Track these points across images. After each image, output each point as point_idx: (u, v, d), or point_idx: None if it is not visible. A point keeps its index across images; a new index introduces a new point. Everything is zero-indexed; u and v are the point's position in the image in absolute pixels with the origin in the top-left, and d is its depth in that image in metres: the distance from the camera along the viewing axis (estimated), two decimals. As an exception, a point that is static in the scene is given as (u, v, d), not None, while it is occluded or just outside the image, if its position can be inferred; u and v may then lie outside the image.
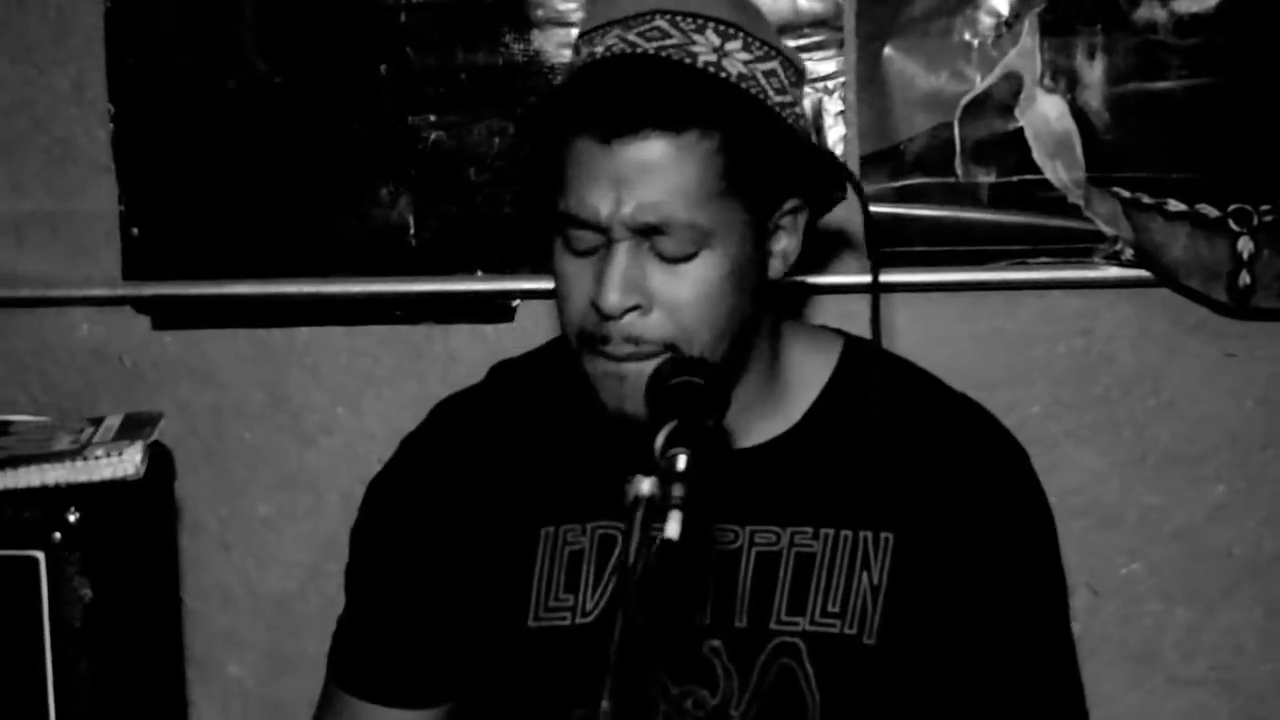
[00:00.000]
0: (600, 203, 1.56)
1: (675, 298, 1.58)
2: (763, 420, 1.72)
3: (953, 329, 2.33)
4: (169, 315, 2.40)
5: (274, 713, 2.44)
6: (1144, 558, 2.36)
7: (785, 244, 1.67)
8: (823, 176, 1.68)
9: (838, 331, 1.81)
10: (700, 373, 1.52)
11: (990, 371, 2.31)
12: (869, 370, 1.73)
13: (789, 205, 1.65)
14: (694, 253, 1.58)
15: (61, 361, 2.43)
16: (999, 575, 1.72)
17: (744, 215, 1.60)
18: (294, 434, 2.41)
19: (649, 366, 1.55)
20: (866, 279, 1.72)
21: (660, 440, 1.36)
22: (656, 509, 1.30)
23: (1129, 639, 2.36)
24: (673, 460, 1.33)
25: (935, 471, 1.72)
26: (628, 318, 1.58)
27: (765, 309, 1.68)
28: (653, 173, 1.56)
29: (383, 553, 1.80)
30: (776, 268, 1.67)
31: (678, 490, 1.29)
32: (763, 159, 1.61)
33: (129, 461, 1.77)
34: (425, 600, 1.77)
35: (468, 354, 2.34)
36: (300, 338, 2.40)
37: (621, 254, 1.57)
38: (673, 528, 1.26)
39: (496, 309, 2.36)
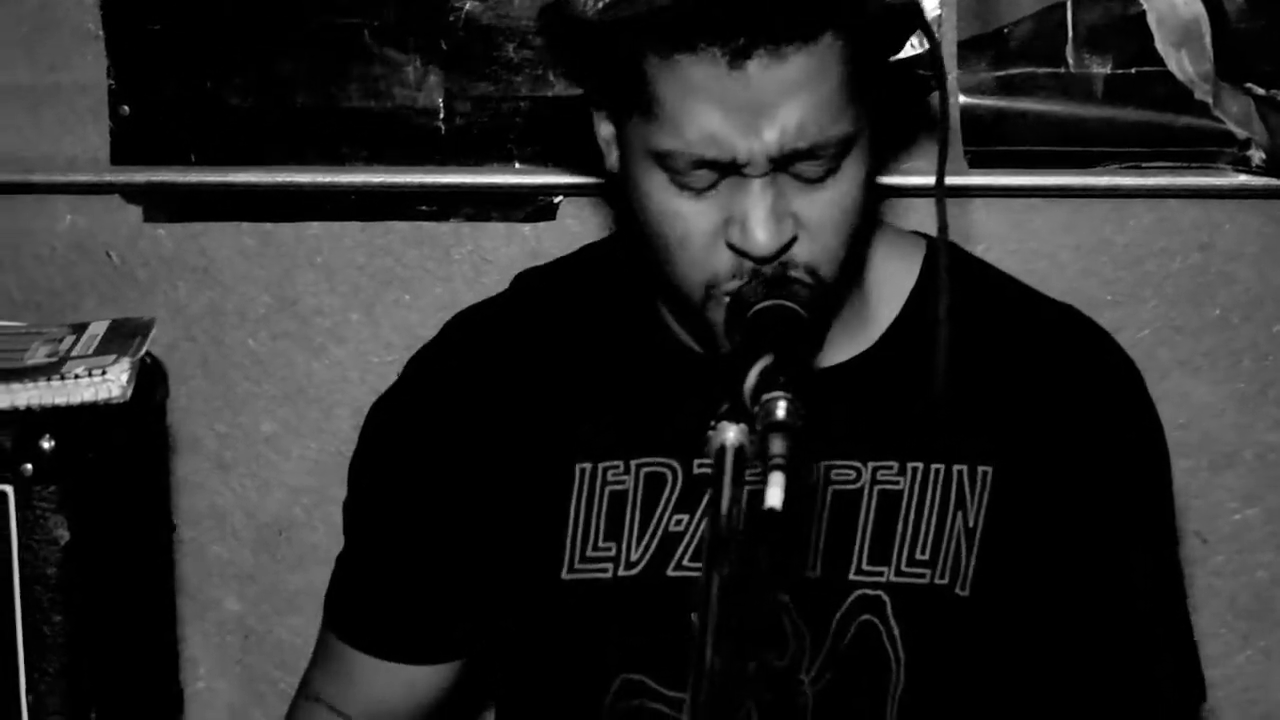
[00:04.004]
0: (735, 137, 1.44)
1: (821, 220, 1.49)
2: (841, 337, 1.63)
3: (1053, 240, 2.27)
4: (162, 206, 2.36)
5: (275, 653, 2.42)
6: (1260, 503, 2.30)
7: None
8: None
9: (919, 235, 1.72)
10: (796, 296, 1.43)
11: (1094, 289, 2.25)
12: (958, 278, 1.63)
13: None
14: (836, 168, 1.47)
15: (41, 257, 2.38)
16: (1111, 514, 1.65)
17: (868, 117, 1.50)
18: (302, 342, 2.37)
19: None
20: (961, 180, 1.65)
21: (752, 379, 1.25)
22: (745, 461, 1.18)
23: (1240, 593, 2.30)
24: (770, 407, 1.20)
25: (1038, 393, 1.64)
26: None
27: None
28: (796, 92, 1.44)
29: (385, 489, 1.74)
30: None
31: (778, 446, 1.16)
32: (883, 53, 1.53)
33: (114, 382, 1.67)
34: (435, 546, 1.70)
35: (502, 256, 2.29)
36: (310, 233, 2.35)
37: (763, 187, 1.46)
38: (775, 495, 1.13)
39: (536, 205, 2.30)
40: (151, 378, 1.83)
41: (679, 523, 1.65)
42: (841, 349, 1.64)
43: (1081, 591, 1.65)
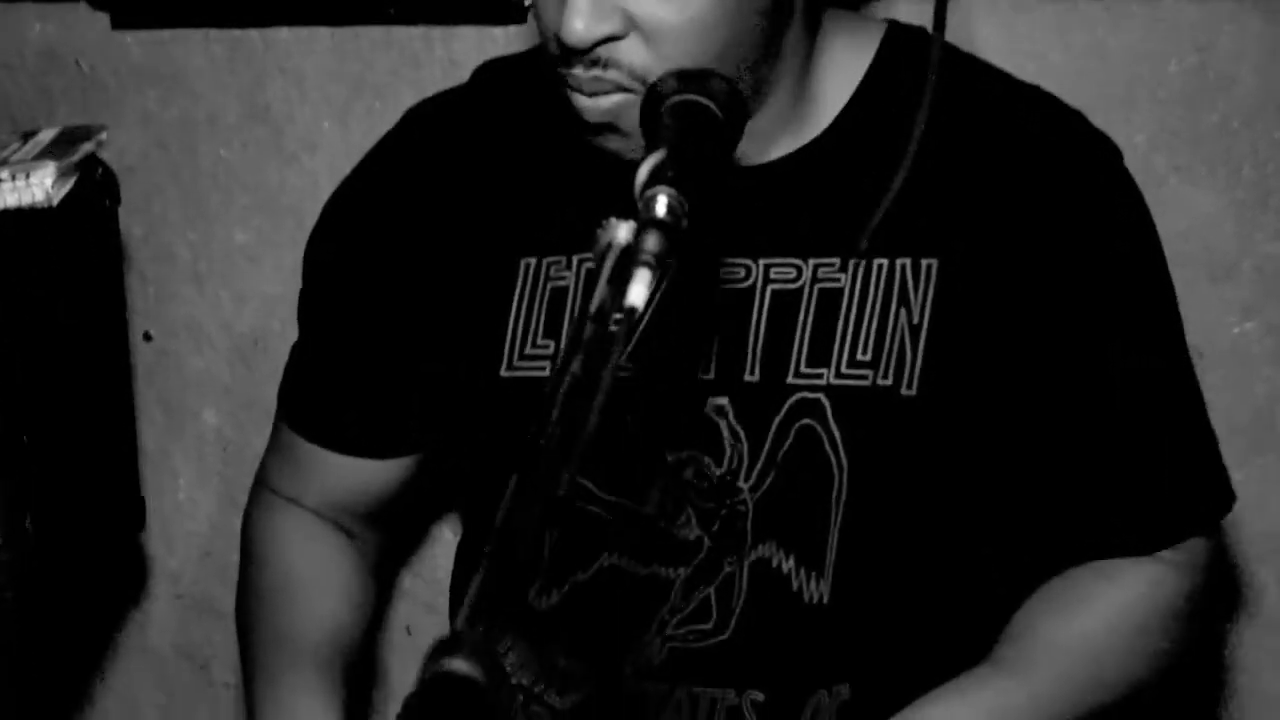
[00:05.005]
0: None
1: (657, 23, 1.42)
2: (786, 133, 1.58)
3: (1043, 41, 2.18)
4: (130, 12, 2.31)
5: (253, 464, 2.32)
6: (1259, 316, 2.24)
7: None
8: None
9: (882, 21, 1.65)
10: (708, 89, 1.35)
11: (1086, 93, 2.04)
12: (914, 59, 1.57)
13: None
14: None
15: (11, 66, 2.36)
16: (1088, 304, 1.58)
17: None
18: (274, 150, 2.33)
19: (608, 103, 1.43)
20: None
21: (643, 175, 1.20)
22: (629, 259, 1.13)
23: (1238, 409, 2.23)
24: (650, 202, 1.15)
25: (994, 175, 1.57)
26: (596, 50, 1.43)
27: (790, 19, 1.53)
28: None
29: (338, 276, 1.73)
30: None
31: (651, 243, 1.12)
32: None
33: (37, 187, 1.66)
34: (385, 333, 1.69)
35: (473, 60, 2.12)
36: (280, 40, 2.30)
37: None
38: (637, 292, 1.09)
39: (506, 8, 2.22)
40: (99, 185, 1.82)
41: (618, 322, 1.62)
42: (781, 144, 1.59)
43: (1060, 388, 1.60)
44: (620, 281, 1.11)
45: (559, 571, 1.70)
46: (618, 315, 1.07)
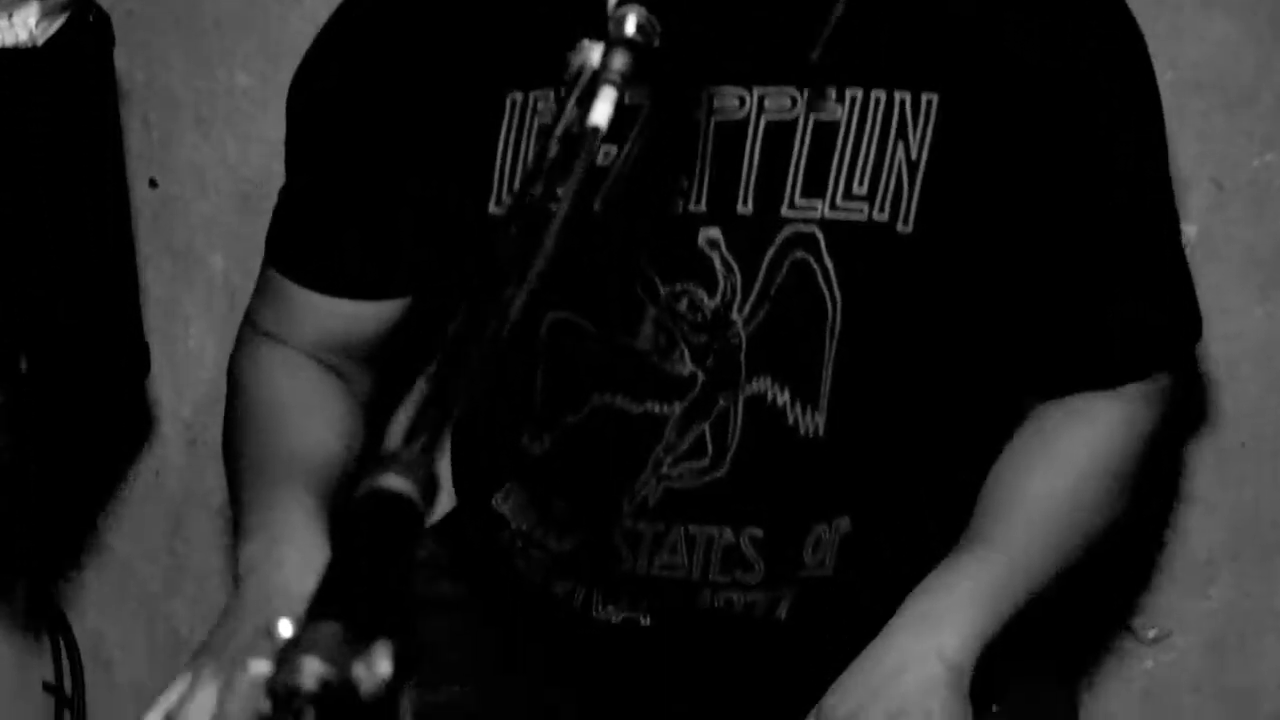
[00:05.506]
0: None
1: None
2: None
3: None
4: None
5: None
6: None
7: None
8: None
9: None
10: None
11: None
12: None
13: None
14: None
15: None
16: (1084, 134, 1.57)
17: None
18: (276, -8, 2.29)
19: None
20: None
21: None
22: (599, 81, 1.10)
23: (1259, 243, 2.21)
24: (620, 20, 1.12)
25: (992, 9, 1.55)
26: None
27: None
28: None
29: (323, 116, 1.71)
30: None
31: (618, 62, 1.09)
32: None
33: (20, 26, 1.65)
34: (372, 172, 1.68)
35: None
36: (278, -125, 2.26)
37: None
38: (601, 111, 1.07)
39: None
40: (92, 27, 1.82)
41: (606, 155, 1.60)
42: None
43: (1043, 222, 1.59)
44: (588, 102, 1.09)
45: (551, 414, 1.70)
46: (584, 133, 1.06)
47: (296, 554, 1.52)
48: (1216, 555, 2.29)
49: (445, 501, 1.92)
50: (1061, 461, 1.64)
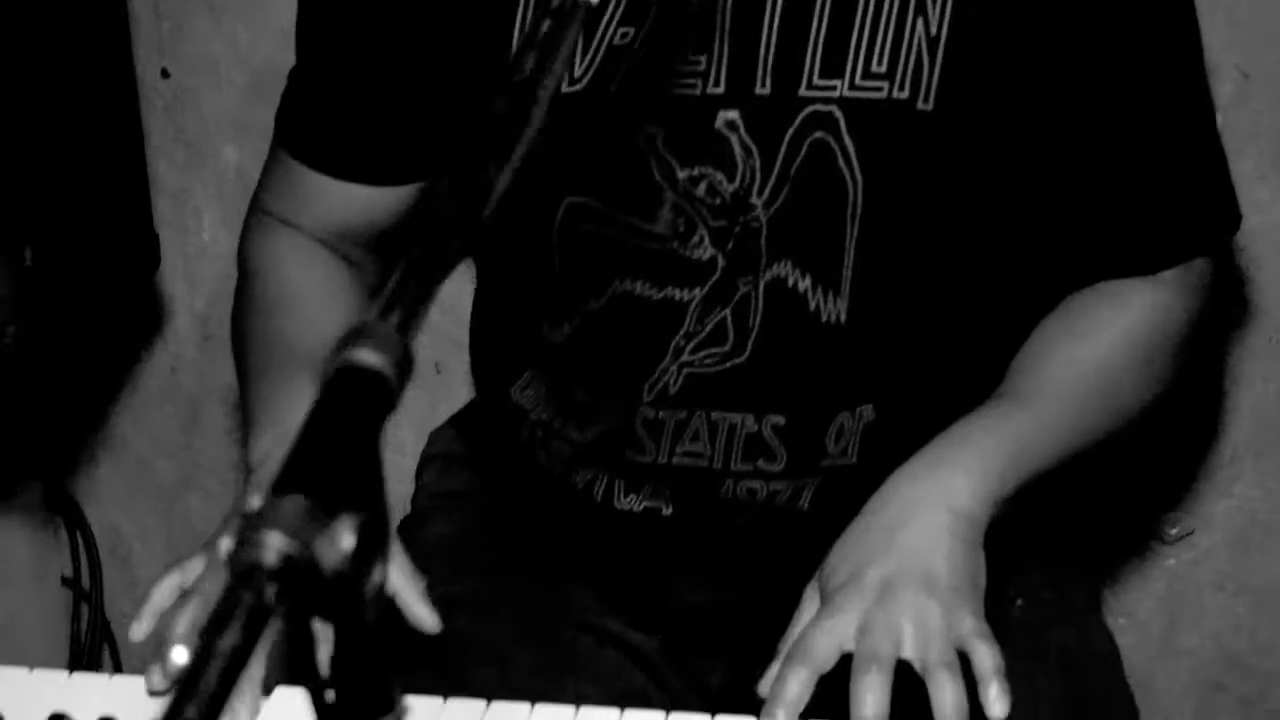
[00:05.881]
0: None
1: None
2: None
3: None
4: None
5: None
6: (1311, 34, 2.14)
7: None
8: None
9: None
10: None
11: None
12: None
13: None
14: None
15: None
16: (1104, 13, 1.53)
17: None
18: None
19: None
20: None
21: None
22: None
23: (1287, 131, 2.17)
24: None
25: None
26: None
27: None
28: None
29: None
30: None
31: None
32: None
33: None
34: (386, 53, 1.65)
35: None
36: None
37: None
38: None
39: None
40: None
41: (624, 36, 1.57)
42: None
43: (1074, 104, 1.56)
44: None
45: (570, 301, 1.68)
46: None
47: None
48: (1241, 452, 2.27)
49: (464, 394, 1.91)
50: (1093, 337, 1.61)
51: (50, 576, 2.37)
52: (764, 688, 1.43)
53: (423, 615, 1.50)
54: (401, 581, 1.53)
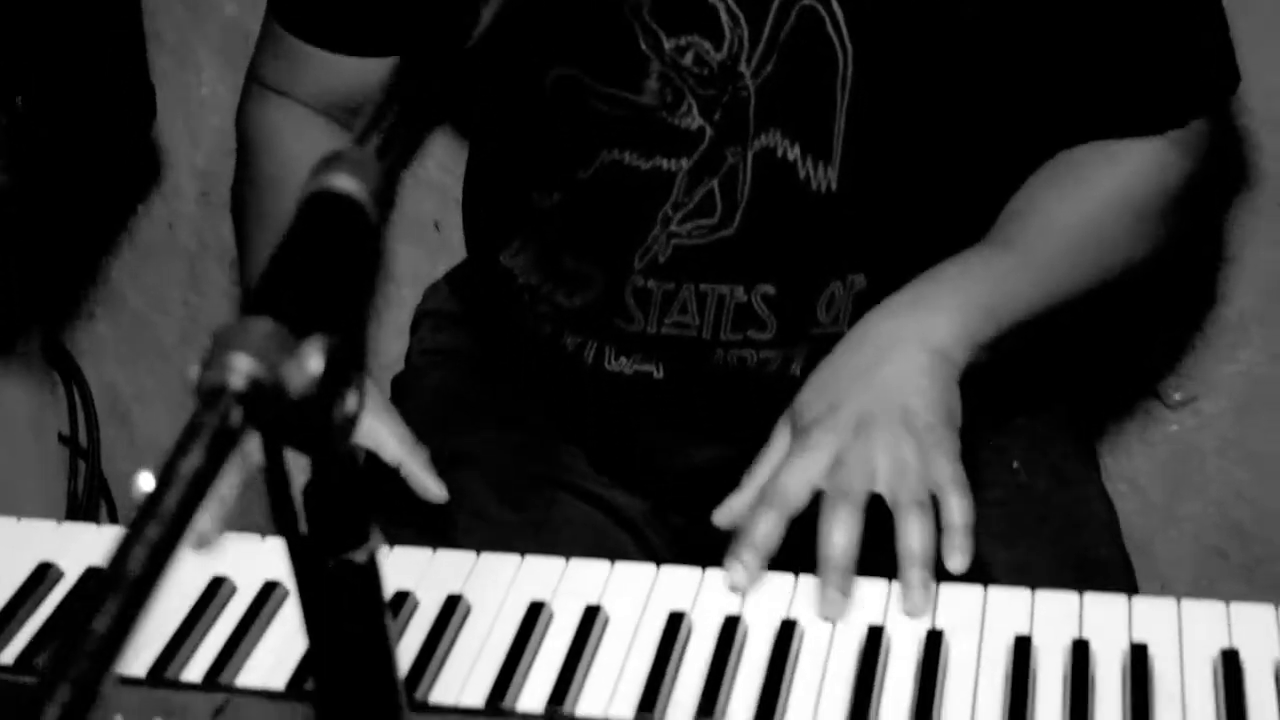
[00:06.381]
0: None
1: None
2: None
3: None
4: None
5: None
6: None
7: None
8: None
9: None
10: None
11: None
12: None
13: None
14: None
15: None
16: None
17: None
18: None
19: None
20: None
21: None
22: None
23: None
24: None
25: None
26: None
27: None
28: None
29: None
30: None
31: None
32: None
33: None
34: None
35: None
36: None
37: None
38: None
39: None
40: None
41: None
42: None
43: None
44: None
45: (559, 169, 1.67)
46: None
47: None
48: (1246, 318, 2.25)
49: (463, 252, 1.91)
50: (1085, 186, 1.59)
51: (47, 433, 2.38)
52: (720, 517, 1.43)
53: (428, 485, 1.53)
54: (404, 453, 1.55)
